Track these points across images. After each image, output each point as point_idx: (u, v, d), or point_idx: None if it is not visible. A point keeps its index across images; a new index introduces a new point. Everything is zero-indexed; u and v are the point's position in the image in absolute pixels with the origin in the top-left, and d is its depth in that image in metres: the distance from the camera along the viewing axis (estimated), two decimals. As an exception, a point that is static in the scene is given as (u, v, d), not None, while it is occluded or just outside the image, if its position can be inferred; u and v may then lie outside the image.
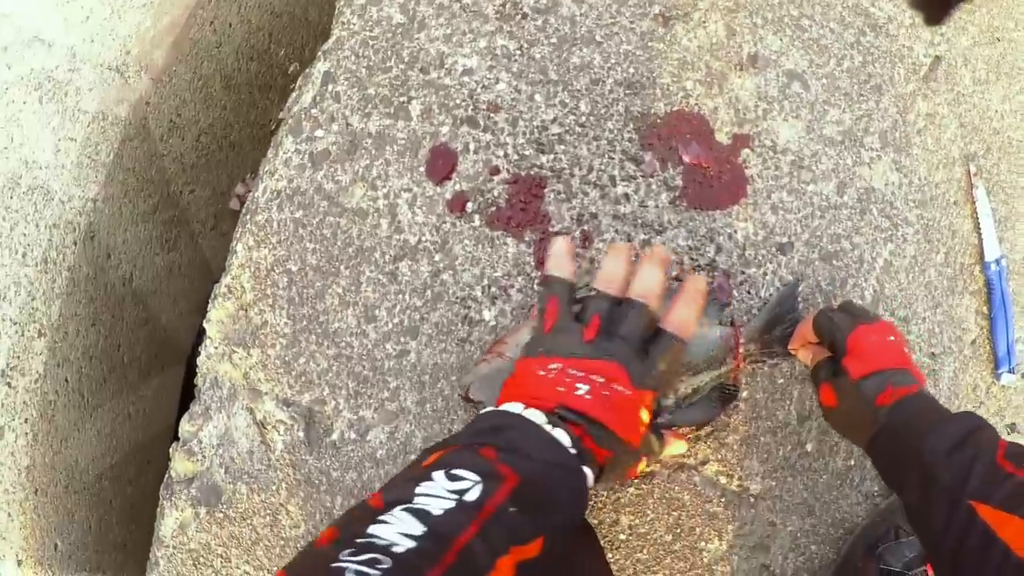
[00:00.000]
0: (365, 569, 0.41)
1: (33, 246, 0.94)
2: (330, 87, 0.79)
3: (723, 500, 0.80)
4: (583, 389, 0.57)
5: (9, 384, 0.92)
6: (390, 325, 0.77)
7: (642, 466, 0.68)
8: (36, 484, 0.94)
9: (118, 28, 0.99)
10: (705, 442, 0.79)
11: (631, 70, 0.78)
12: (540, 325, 0.62)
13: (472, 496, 0.49)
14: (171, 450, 0.83)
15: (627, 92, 0.78)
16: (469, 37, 0.78)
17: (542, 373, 0.59)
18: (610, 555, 0.80)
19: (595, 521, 0.80)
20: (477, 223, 0.75)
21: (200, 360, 0.82)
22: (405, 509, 0.47)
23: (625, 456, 0.61)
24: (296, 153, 0.78)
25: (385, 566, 0.42)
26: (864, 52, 0.87)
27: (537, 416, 0.56)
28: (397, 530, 0.45)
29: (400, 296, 0.76)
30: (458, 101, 0.77)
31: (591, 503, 0.79)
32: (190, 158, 1.06)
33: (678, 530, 0.80)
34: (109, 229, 1.00)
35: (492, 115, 0.76)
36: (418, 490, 0.49)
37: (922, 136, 0.88)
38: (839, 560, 0.87)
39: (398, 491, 0.49)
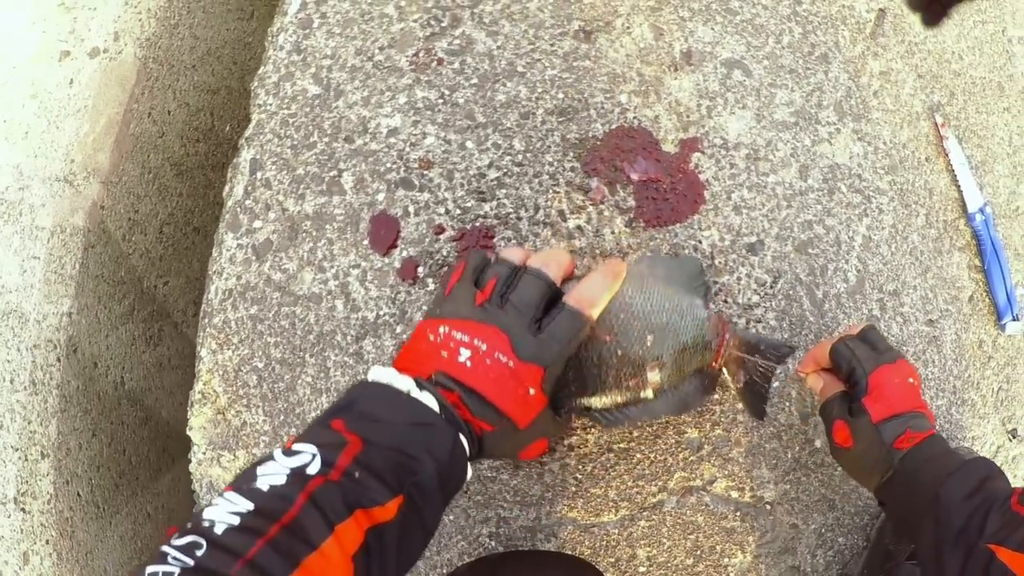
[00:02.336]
0: (180, 556, 0.39)
1: (19, 371, 0.88)
2: (259, 175, 0.70)
3: (738, 514, 0.72)
4: (465, 355, 0.50)
5: (23, 509, 0.86)
6: (365, 405, 0.69)
7: (544, 446, 0.59)
8: (71, 601, 0.89)
9: (58, 139, 0.92)
10: (709, 461, 0.71)
11: (560, 96, 0.69)
12: (441, 288, 0.55)
13: (311, 468, 0.44)
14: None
15: (560, 120, 0.68)
16: (388, 95, 0.69)
17: (431, 338, 0.52)
18: (634, 588, 0.73)
19: (611, 559, 0.72)
20: (432, 287, 0.67)
21: (192, 467, 0.76)
22: (238, 490, 0.43)
23: (513, 433, 0.52)
24: (239, 248, 0.71)
25: (200, 551, 0.39)
26: (803, 22, 0.76)
27: (404, 382, 0.49)
28: (226, 510, 0.41)
29: (369, 374, 0.69)
30: (388, 165, 0.68)
31: (603, 543, 0.71)
32: (156, 251, 0.99)
33: (698, 552, 0.72)
34: (90, 339, 0.93)
35: (425, 172, 0.68)
36: (259, 471, 0.44)
37: (880, 97, 0.77)
38: (869, 545, 0.78)
39: (244, 476, 0.45)
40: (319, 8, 0.72)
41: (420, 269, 0.67)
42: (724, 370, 0.67)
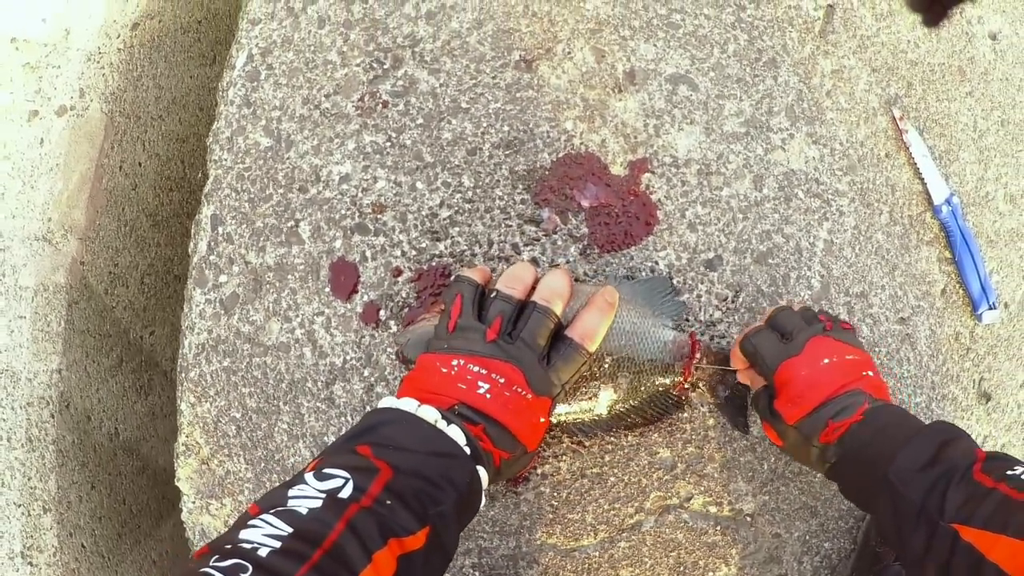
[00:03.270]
0: None
1: (15, 429, 0.91)
2: (220, 230, 0.73)
3: (719, 528, 0.73)
4: (484, 388, 0.54)
5: (31, 563, 0.90)
6: (340, 448, 0.71)
7: (529, 468, 0.66)
8: (83, 651, 0.92)
9: (34, 198, 0.95)
10: (684, 479, 0.72)
11: (505, 128, 0.70)
12: (444, 323, 0.57)
13: (344, 493, 0.46)
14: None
15: (507, 152, 0.70)
16: (337, 142, 0.71)
17: (444, 370, 0.55)
18: (621, 606, 0.74)
19: (596, 580, 0.74)
20: (394, 328, 0.69)
21: (184, 516, 0.78)
22: (275, 512, 0.44)
23: (522, 458, 0.57)
24: (207, 303, 0.73)
25: (245, 574, 0.40)
26: (748, 29, 0.76)
27: (430, 413, 0.52)
28: (264, 532, 0.42)
29: (343, 418, 0.71)
30: (343, 212, 0.70)
31: (585, 566, 0.73)
32: (140, 302, 1.02)
33: (681, 569, 0.74)
34: (81, 393, 0.96)
35: (379, 216, 0.69)
36: (291, 493, 0.46)
37: (833, 97, 0.78)
38: (857, 548, 0.79)
39: (273, 497, 0.46)
40: (265, 59, 0.74)
41: (382, 312, 0.69)
42: (701, 387, 0.68)
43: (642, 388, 0.65)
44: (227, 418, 0.73)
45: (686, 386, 0.67)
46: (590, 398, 0.64)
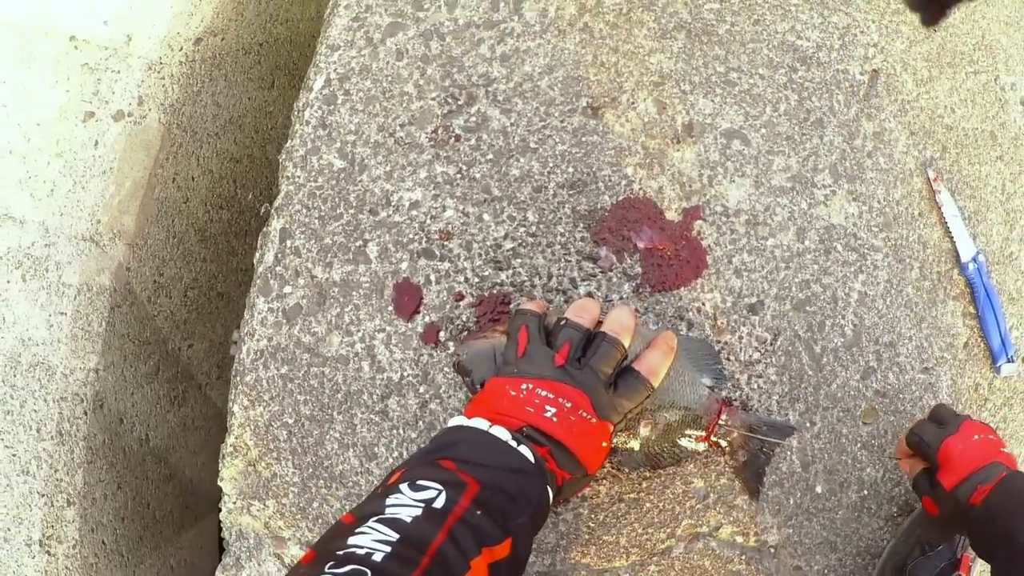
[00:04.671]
0: None
1: (45, 420, 0.98)
2: (288, 243, 0.81)
3: (744, 557, 0.82)
4: (551, 412, 0.61)
5: (49, 552, 0.96)
6: (391, 460, 0.80)
7: (586, 489, 0.75)
8: (93, 646, 0.98)
9: (83, 199, 1.03)
10: (714, 509, 0.81)
11: (570, 169, 0.80)
12: (512, 349, 0.65)
13: (439, 504, 0.52)
14: (214, 601, 0.88)
15: (571, 193, 0.79)
16: (409, 170, 0.80)
17: (513, 393, 0.62)
18: (646, 629, 0.83)
19: (624, 603, 0.82)
20: (452, 350, 0.78)
21: (222, 515, 0.86)
22: (378, 520, 0.50)
23: (582, 480, 0.65)
24: (270, 312, 0.82)
25: None
26: (799, 89, 0.87)
27: (502, 432, 0.59)
28: (373, 539, 0.48)
29: (395, 431, 0.79)
30: (411, 236, 0.79)
31: (616, 588, 0.81)
32: (181, 314, 1.10)
33: (706, 595, 0.83)
34: (116, 395, 1.04)
35: (446, 243, 0.79)
36: (388, 502, 0.52)
37: (873, 158, 0.88)
38: (871, 587, 0.89)
39: (368, 507, 0.53)
40: (342, 85, 0.83)
41: (441, 333, 0.78)
42: (722, 443, 0.78)
43: (673, 433, 0.75)
44: (279, 423, 0.81)
45: (708, 439, 0.76)
46: (628, 431, 0.73)
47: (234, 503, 0.85)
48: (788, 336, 0.82)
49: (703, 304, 0.80)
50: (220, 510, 0.86)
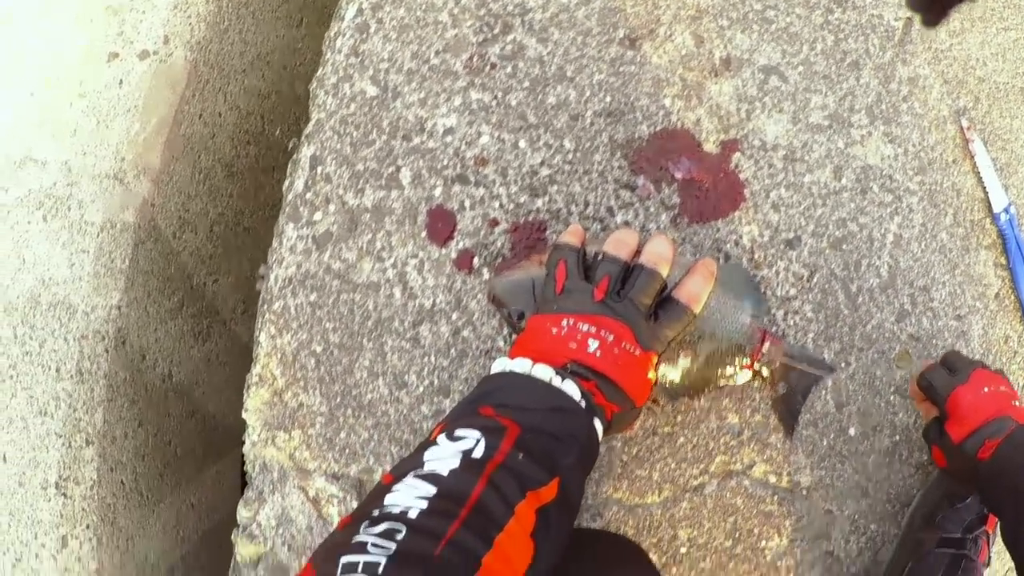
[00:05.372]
0: (382, 542, 0.42)
1: (65, 360, 0.94)
2: (319, 169, 0.78)
3: (776, 498, 0.79)
4: (594, 346, 0.58)
5: (65, 494, 0.93)
6: (421, 388, 0.76)
7: (637, 423, 0.72)
8: (107, 587, 0.94)
9: (108, 137, 1.00)
10: (748, 446, 0.78)
11: (608, 99, 0.77)
12: (551, 286, 0.62)
13: (478, 452, 0.49)
14: (233, 536, 0.84)
15: (608, 121, 0.76)
16: (444, 97, 0.77)
17: (554, 330, 0.59)
18: (674, 569, 0.79)
19: (654, 539, 0.79)
20: (486, 276, 0.75)
21: (246, 448, 0.82)
22: (415, 475, 0.47)
23: (630, 412, 0.62)
24: (299, 239, 0.78)
25: (401, 535, 0.42)
26: (835, 31, 0.84)
27: (544, 372, 0.56)
28: (410, 495, 0.46)
29: (426, 359, 0.76)
30: (445, 162, 0.76)
31: (646, 523, 0.78)
32: (207, 250, 1.06)
33: (737, 534, 0.79)
34: (139, 332, 1.00)
35: (481, 169, 0.75)
36: (426, 456, 0.49)
37: (908, 102, 0.85)
38: (900, 534, 0.85)
39: (407, 464, 0.49)
40: (375, 14, 0.80)
41: (475, 260, 0.75)
42: (763, 371, 0.74)
43: (715, 362, 0.71)
44: (307, 351, 0.78)
45: (753, 368, 0.73)
46: (669, 362, 0.70)
47: (258, 435, 0.81)
48: (824, 274, 0.78)
49: (740, 237, 0.76)
50: (242, 445, 0.83)
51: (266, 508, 0.82)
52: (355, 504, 0.79)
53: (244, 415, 0.82)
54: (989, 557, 0.84)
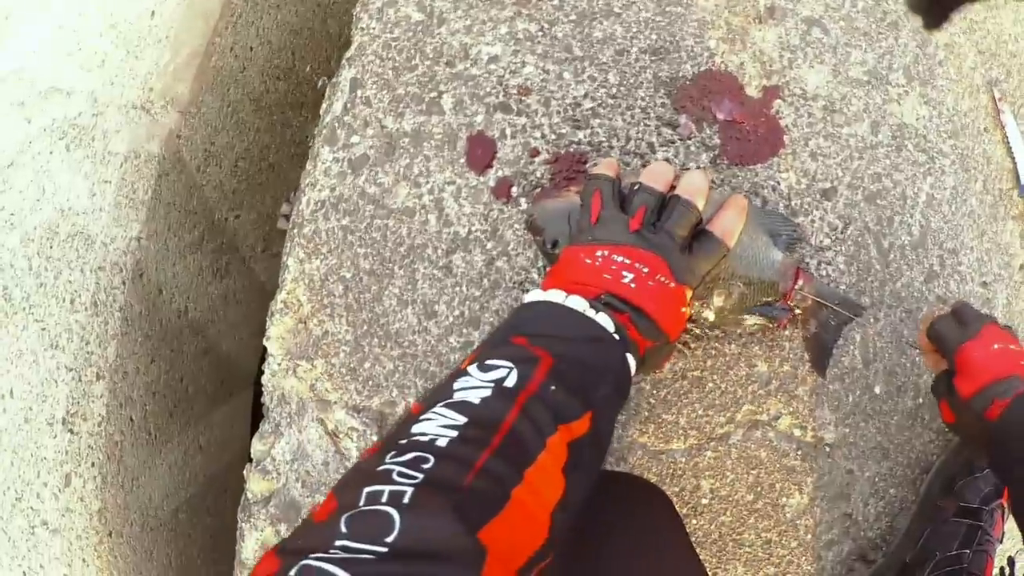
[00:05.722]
0: (409, 471, 0.39)
1: (80, 291, 0.91)
2: (359, 92, 0.76)
3: (799, 453, 0.77)
4: (628, 277, 0.56)
5: (71, 431, 0.89)
6: (451, 319, 0.74)
7: (668, 363, 0.70)
8: (110, 527, 0.91)
9: (137, 68, 0.97)
10: (775, 396, 0.76)
11: (653, 36, 0.76)
12: (585, 216, 0.60)
13: (510, 382, 0.46)
14: (245, 472, 0.81)
15: (653, 59, 0.75)
16: (489, 25, 0.76)
17: (588, 261, 0.57)
18: (694, 520, 0.77)
19: (676, 488, 0.77)
20: (524, 206, 0.73)
21: (264, 379, 0.80)
22: (445, 404, 0.45)
23: (665, 347, 0.59)
24: (335, 162, 0.76)
25: (429, 464, 0.40)
26: (876, -9, 0.84)
27: (578, 303, 0.54)
28: (438, 424, 0.43)
29: (457, 289, 0.74)
30: (488, 89, 0.74)
31: (670, 471, 0.76)
32: (230, 184, 1.04)
33: (759, 488, 0.77)
34: (157, 265, 0.98)
35: (523, 98, 0.74)
36: (456, 386, 0.47)
37: (944, 67, 0.85)
38: (919, 500, 0.83)
39: (436, 394, 0.47)
40: (424, -56, 0.79)
41: (514, 189, 0.73)
42: (797, 311, 0.73)
43: (748, 300, 0.70)
44: (336, 277, 0.76)
45: (785, 307, 0.71)
46: (702, 300, 0.68)
47: (279, 364, 0.78)
48: (858, 226, 0.77)
49: (778, 183, 0.75)
50: (255, 386, 0.80)
51: (282, 442, 0.79)
52: (375, 439, 0.77)
53: (266, 342, 0.79)
54: (1003, 532, 0.83)
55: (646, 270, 0.57)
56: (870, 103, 0.79)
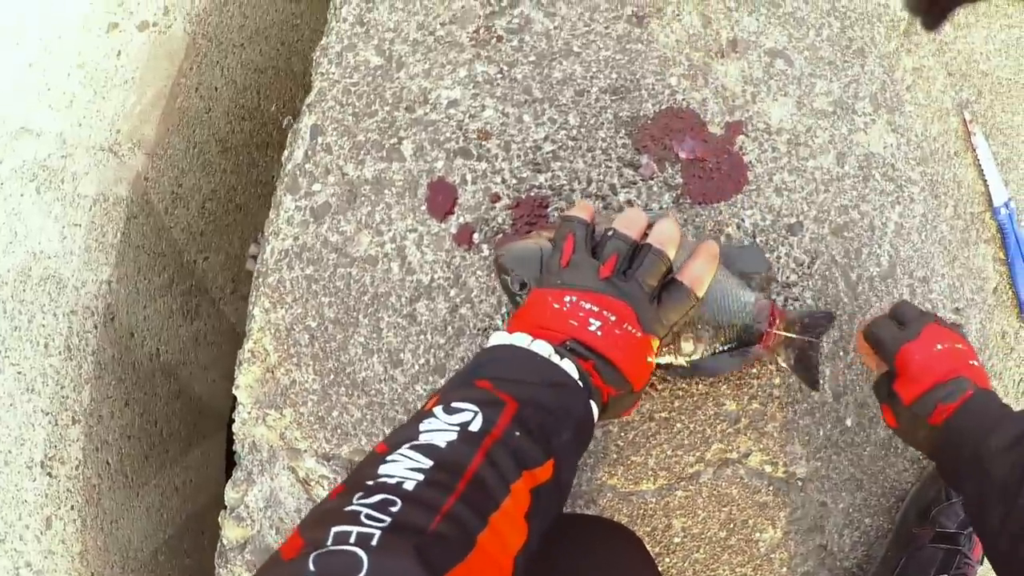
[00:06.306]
0: (376, 514, 0.40)
1: (54, 335, 0.92)
2: (320, 140, 0.76)
3: (771, 488, 0.77)
4: (595, 325, 0.56)
5: (50, 474, 0.90)
6: (416, 367, 0.74)
7: (637, 405, 0.68)
8: (92, 568, 0.92)
9: (104, 109, 0.98)
10: (745, 434, 0.76)
11: (614, 75, 0.75)
12: (556, 258, 0.60)
13: (475, 426, 0.47)
14: (220, 518, 0.81)
15: (613, 98, 0.75)
16: (448, 69, 0.75)
17: (556, 306, 0.57)
18: (667, 559, 0.78)
19: (648, 528, 0.77)
20: (486, 252, 0.73)
21: (235, 427, 0.80)
22: (411, 446, 0.45)
23: (628, 396, 0.59)
24: (297, 210, 0.76)
25: (396, 507, 0.41)
26: (841, 17, 0.83)
27: (543, 347, 0.54)
28: (405, 467, 0.44)
29: (422, 336, 0.74)
30: (448, 134, 0.74)
31: (640, 511, 0.76)
32: (198, 226, 1.04)
33: (731, 525, 0.78)
34: (128, 308, 0.98)
35: (483, 143, 0.74)
36: (421, 427, 0.47)
37: (912, 92, 0.85)
38: (894, 528, 0.84)
39: (401, 434, 0.47)
40: (382, -15, 0.78)
41: (476, 235, 0.73)
42: (776, 352, 0.73)
43: (719, 345, 0.70)
44: (301, 326, 0.76)
45: (769, 345, 0.71)
46: (671, 347, 0.68)
47: (248, 412, 0.79)
48: (825, 260, 0.77)
49: (743, 220, 0.75)
50: (228, 428, 0.80)
51: (254, 489, 0.79)
52: (345, 484, 0.77)
53: (235, 391, 0.79)
54: (983, 555, 0.83)
55: (613, 318, 0.57)
56: (836, 134, 0.79)
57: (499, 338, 0.57)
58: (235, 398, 0.81)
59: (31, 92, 0.99)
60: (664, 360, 0.69)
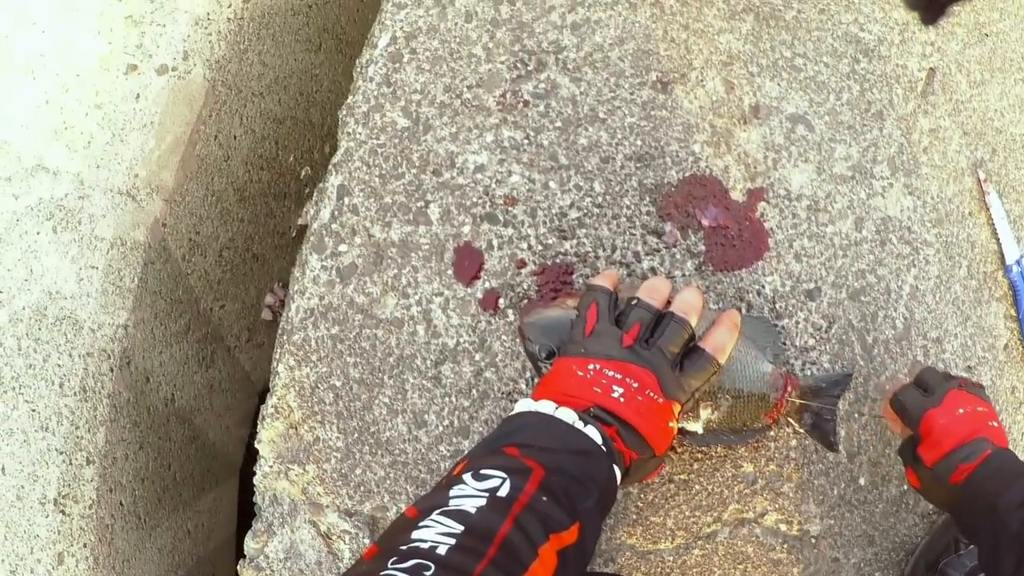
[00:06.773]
0: None
1: (69, 376, 0.93)
2: (346, 200, 0.78)
3: (785, 546, 0.80)
4: (618, 392, 0.59)
5: (63, 512, 0.91)
6: (440, 428, 0.76)
7: (662, 468, 0.71)
8: (104, 608, 0.93)
9: (122, 152, 0.98)
10: (762, 495, 0.78)
11: (638, 142, 0.77)
12: (580, 327, 0.63)
13: (503, 492, 0.50)
14: (239, 567, 0.83)
15: (638, 165, 0.77)
16: (475, 133, 0.77)
17: (580, 373, 0.60)
18: (683, 613, 0.80)
19: (665, 585, 0.79)
20: (511, 318, 0.75)
21: (256, 479, 0.82)
22: (441, 512, 0.48)
23: (651, 461, 0.62)
24: (323, 270, 0.78)
25: (428, 572, 0.43)
26: (860, 80, 0.85)
27: (568, 415, 0.57)
28: (436, 532, 0.46)
29: (447, 399, 0.76)
30: (474, 199, 0.76)
31: (658, 570, 0.78)
32: (215, 274, 1.05)
33: (747, 581, 0.80)
34: (144, 353, 0.99)
35: (510, 209, 0.75)
36: (451, 493, 0.50)
37: (928, 154, 0.87)
38: (904, 581, 0.86)
39: (432, 499, 0.50)
40: (409, 44, 0.80)
41: (501, 300, 0.75)
42: (790, 420, 0.75)
43: (737, 413, 0.72)
44: (326, 385, 0.77)
45: (777, 417, 0.73)
46: (690, 414, 0.70)
47: (271, 467, 0.80)
48: (843, 324, 0.79)
49: (763, 287, 0.77)
50: (241, 474, 0.82)
51: (275, 541, 0.81)
52: (367, 541, 0.79)
53: (257, 445, 0.81)
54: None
55: (636, 385, 0.59)
56: (854, 199, 0.81)
57: (525, 405, 0.59)
58: (248, 445, 0.82)
59: (47, 129, 0.99)
60: (683, 426, 0.71)
